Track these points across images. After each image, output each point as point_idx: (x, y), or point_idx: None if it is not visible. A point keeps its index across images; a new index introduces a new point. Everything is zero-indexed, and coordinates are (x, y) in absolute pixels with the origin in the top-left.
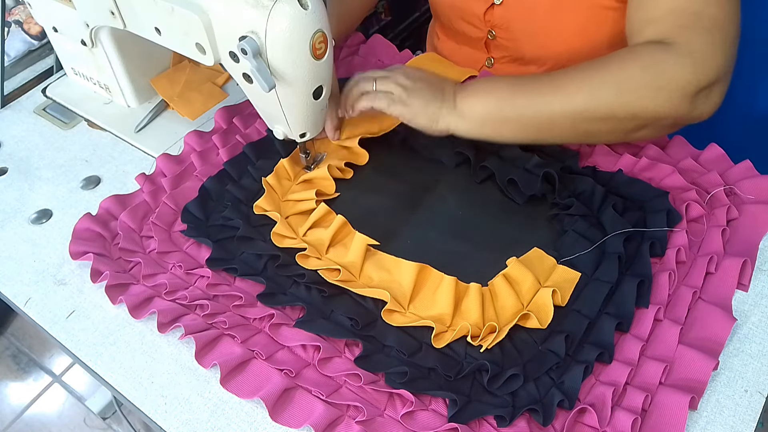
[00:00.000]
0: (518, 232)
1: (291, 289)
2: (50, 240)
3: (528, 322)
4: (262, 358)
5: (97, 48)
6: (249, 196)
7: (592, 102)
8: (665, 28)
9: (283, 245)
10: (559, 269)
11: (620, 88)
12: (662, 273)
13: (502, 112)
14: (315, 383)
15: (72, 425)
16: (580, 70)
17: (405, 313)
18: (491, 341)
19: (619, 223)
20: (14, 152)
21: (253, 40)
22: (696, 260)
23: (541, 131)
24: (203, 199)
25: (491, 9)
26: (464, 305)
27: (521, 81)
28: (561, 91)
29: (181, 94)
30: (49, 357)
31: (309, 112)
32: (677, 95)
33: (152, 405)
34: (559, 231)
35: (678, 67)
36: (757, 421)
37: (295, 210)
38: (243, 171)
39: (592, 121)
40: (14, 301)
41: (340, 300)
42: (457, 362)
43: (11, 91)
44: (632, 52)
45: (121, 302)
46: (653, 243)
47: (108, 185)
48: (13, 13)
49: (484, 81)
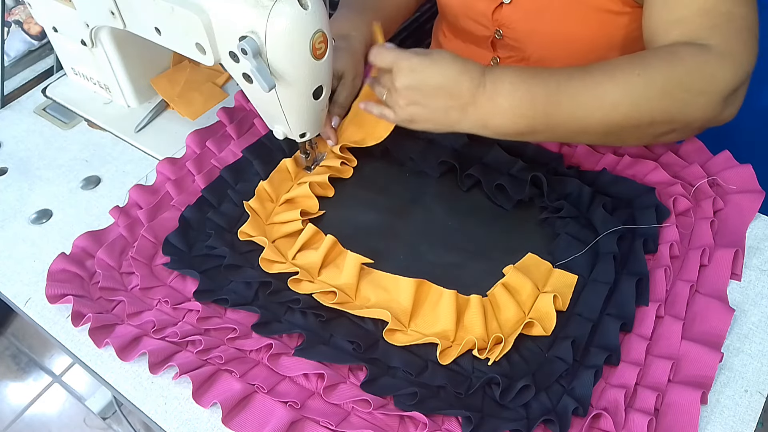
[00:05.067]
0: (510, 238)
1: (286, 316)
2: (50, 240)
3: (532, 330)
4: (264, 392)
5: (97, 48)
6: (231, 222)
7: (633, 112)
8: (695, 28)
9: (272, 271)
10: (555, 273)
11: (664, 93)
12: (658, 269)
13: (536, 128)
14: (322, 413)
15: (72, 425)
16: (621, 73)
17: (407, 331)
18: (498, 353)
19: (609, 222)
20: (14, 152)
21: (253, 40)
22: (688, 254)
23: (570, 138)
24: (184, 229)
25: (500, 8)
26: (467, 318)
27: (559, 89)
28: (600, 101)
29: (181, 94)
30: (49, 357)
31: (309, 112)
32: (715, 98)
33: (152, 405)
34: (551, 234)
35: (719, 69)
36: (757, 421)
37: (281, 233)
38: (222, 196)
39: (629, 129)
40: (14, 301)
41: (338, 323)
42: (465, 378)
43: (11, 91)
44: (673, 54)
45: (107, 345)
46: (645, 240)
47: (108, 185)
48: (13, 13)
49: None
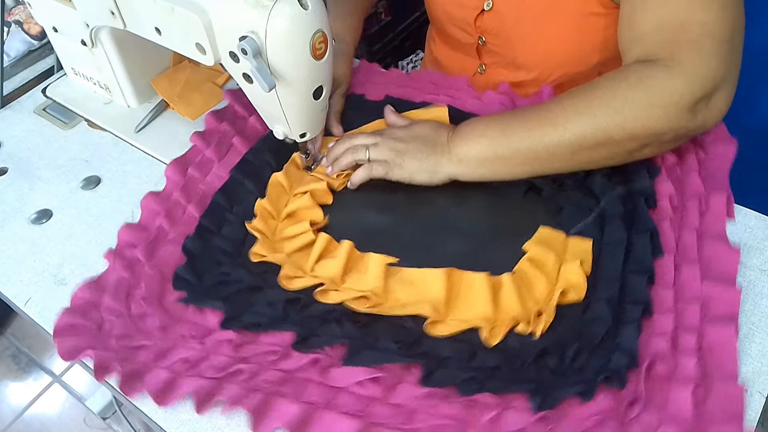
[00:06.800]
0: (517, 217)
1: (321, 328)
2: (50, 240)
3: (566, 297)
4: (324, 408)
5: (97, 48)
6: (237, 245)
7: (587, 128)
8: (650, 44)
9: (294, 287)
10: (571, 241)
11: (612, 110)
12: (663, 221)
13: (498, 152)
14: (388, 416)
15: (72, 425)
16: (569, 97)
17: (446, 321)
18: (543, 325)
19: (608, 186)
20: (14, 152)
21: (253, 40)
22: (686, 204)
23: (539, 165)
24: (190, 260)
25: (481, 15)
26: (503, 298)
27: (513, 116)
28: (553, 122)
29: (181, 94)
30: (49, 357)
31: (309, 112)
32: (673, 110)
33: (152, 405)
34: (555, 209)
35: (667, 81)
36: (757, 421)
37: (293, 247)
38: (221, 221)
39: (591, 148)
40: (14, 301)
41: (377, 326)
42: (515, 355)
43: (11, 91)
44: (620, 73)
45: (140, 393)
46: (646, 198)
47: (108, 185)
48: (13, 13)
49: (475, 123)
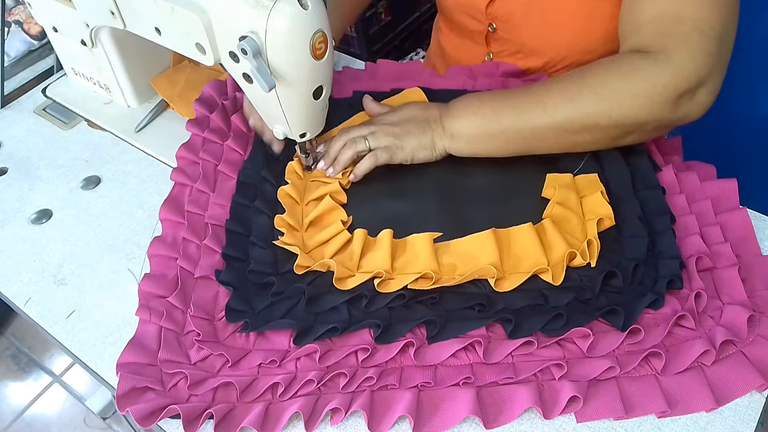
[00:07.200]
0: (521, 174)
1: (393, 317)
2: (50, 240)
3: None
4: (432, 387)
5: (97, 48)
6: (272, 266)
7: (574, 113)
8: (646, 35)
9: (350, 286)
10: (578, 179)
11: (599, 97)
12: (675, 195)
13: (489, 130)
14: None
15: (72, 425)
16: (560, 81)
17: (508, 276)
18: (596, 252)
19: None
20: (14, 152)
21: (253, 40)
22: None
23: (527, 144)
24: (234, 291)
25: (493, 1)
26: (550, 240)
27: (504, 96)
28: (542, 105)
29: (181, 94)
30: (49, 357)
31: (309, 112)
32: (658, 101)
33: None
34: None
35: (655, 73)
36: (757, 421)
37: (332, 250)
38: (244, 246)
39: (576, 132)
40: (14, 301)
41: (446, 300)
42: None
43: (11, 91)
44: (613, 62)
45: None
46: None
47: (108, 185)
48: (13, 13)
49: (469, 100)
